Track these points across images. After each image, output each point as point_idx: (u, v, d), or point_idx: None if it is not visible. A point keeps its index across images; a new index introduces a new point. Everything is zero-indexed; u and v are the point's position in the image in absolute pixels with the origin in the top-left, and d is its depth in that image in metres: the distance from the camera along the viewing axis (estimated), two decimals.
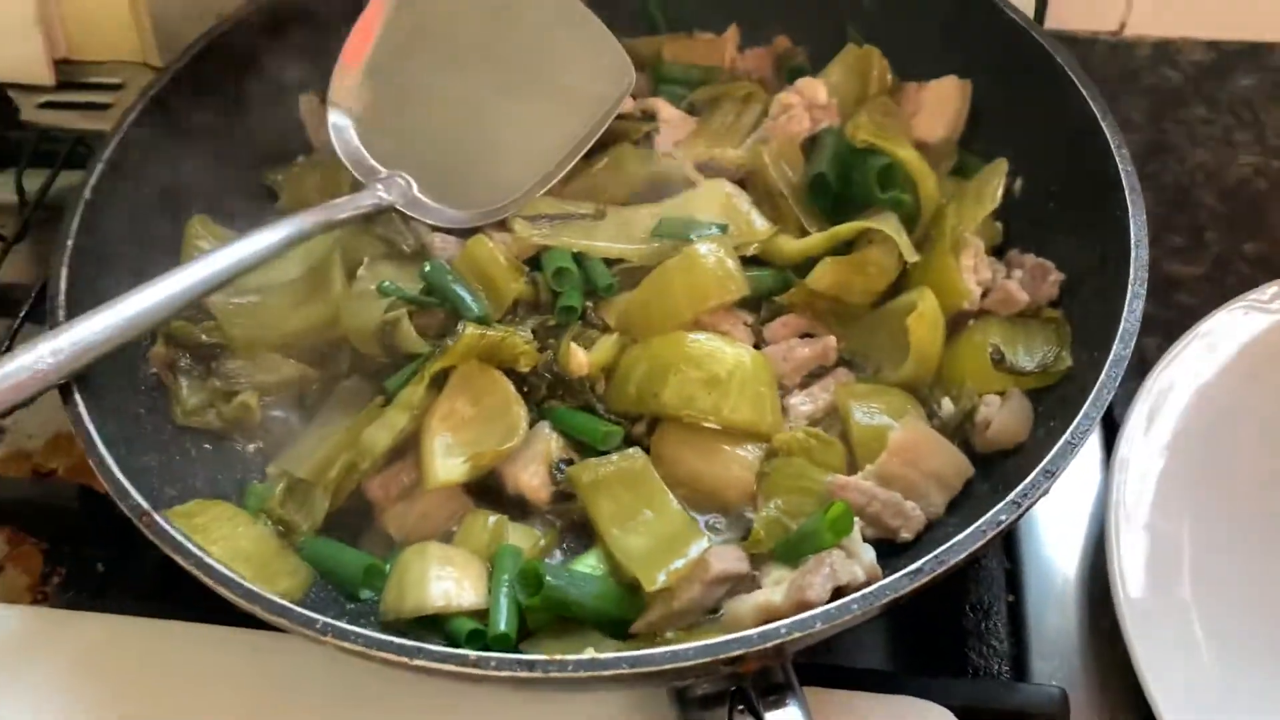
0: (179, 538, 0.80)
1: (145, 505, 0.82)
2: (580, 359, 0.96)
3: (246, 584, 0.77)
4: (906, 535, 0.89)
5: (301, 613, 0.75)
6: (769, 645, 0.71)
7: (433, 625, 0.86)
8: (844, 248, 1.03)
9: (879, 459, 0.90)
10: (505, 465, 0.94)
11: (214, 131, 1.11)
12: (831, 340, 0.99)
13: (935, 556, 0.75)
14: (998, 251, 1.07)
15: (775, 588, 0.84)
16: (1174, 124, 1.34)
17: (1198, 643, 0.93)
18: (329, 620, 0.74)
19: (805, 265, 1.02)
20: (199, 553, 0.79)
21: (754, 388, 0.94)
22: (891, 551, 0.89)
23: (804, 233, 1.05)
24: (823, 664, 0.88)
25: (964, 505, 0.92)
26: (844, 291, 1.00)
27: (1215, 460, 1.03)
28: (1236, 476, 1.03)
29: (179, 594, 0.87)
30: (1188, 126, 1.34)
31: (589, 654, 0.73)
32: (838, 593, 0.80)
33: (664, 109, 1.14)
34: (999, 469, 0.93)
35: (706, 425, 0.93)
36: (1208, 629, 0.94)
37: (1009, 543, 1.03)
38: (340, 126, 1.09)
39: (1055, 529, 1.04)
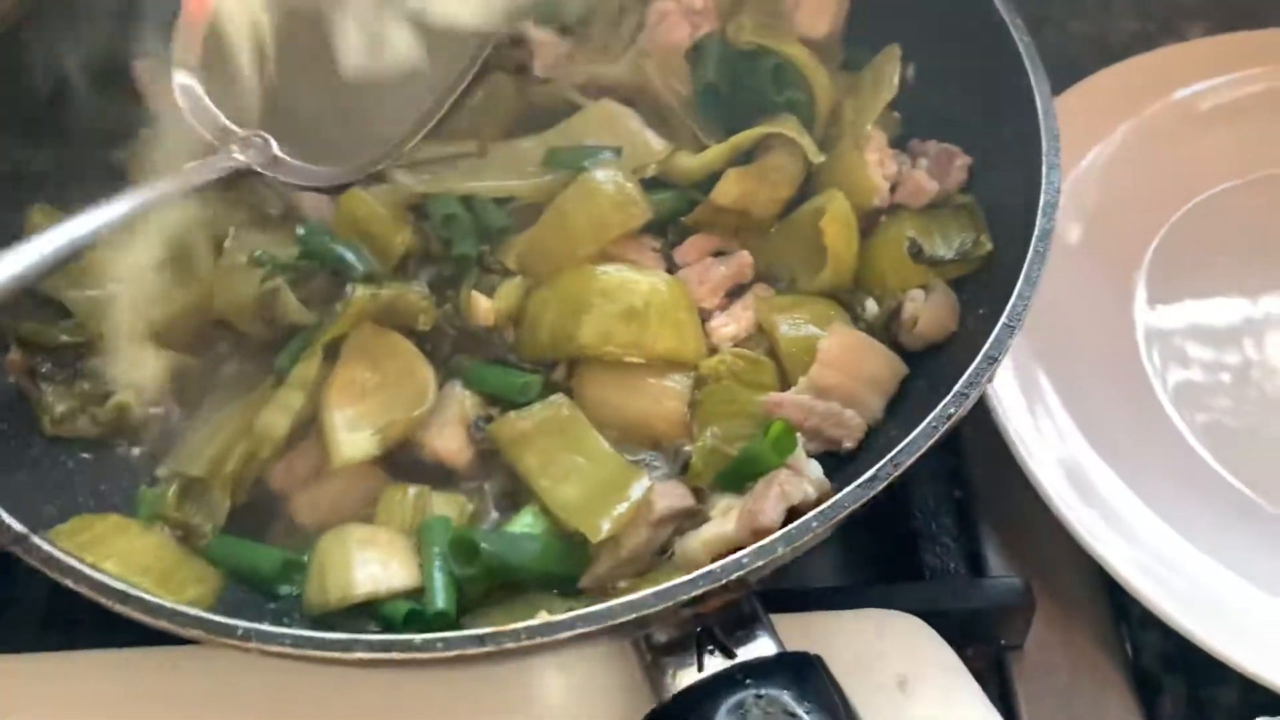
0: (65, 559, 0.72)
1: (19, 529, 0.73)
2: (484, 307, 0.89)
3: (150, 598, 0.69)
4: (849, 445, 0.85)
5: (218, 620, 0.68)
6: (732, 578, 0.67)
7: (365, 613, 0.80)
8: (745, 158, 0.98)
9: (811, 370, 0.86)
10: (419, 432, 0.88)
11: (41, 112, 0.99)
12: (745, 255, 0.95)
13: (890, 460, 0.71)
14: (900, 144, 1.04)
15: (725, 518, 0.79)
16: None
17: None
18: (250, 624, 0.67)
19: (708, 181, 0.97)
20: (91, 572, 0.71)
21: (673, 314, 0.89)
22: (836, 464, 0.86)
23: (701, 147, 0.99)
24: (780, 589, 0.84)
25: (903, 406, 0.88)
26: (751, 203, 0.96)
27: None
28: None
29: (80, 622, 0.79)
30: None
31: (542, 618, 0.67)
32: (791, 513, 0.76)
33: (534, 31, 1.06)
34: (933, 364, 0.89)
35: (629, 360, 0.88)
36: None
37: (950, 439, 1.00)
38: (187, 87, 0.99)
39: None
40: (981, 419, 0.97)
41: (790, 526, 0.69)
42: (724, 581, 0.66)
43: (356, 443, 0.85)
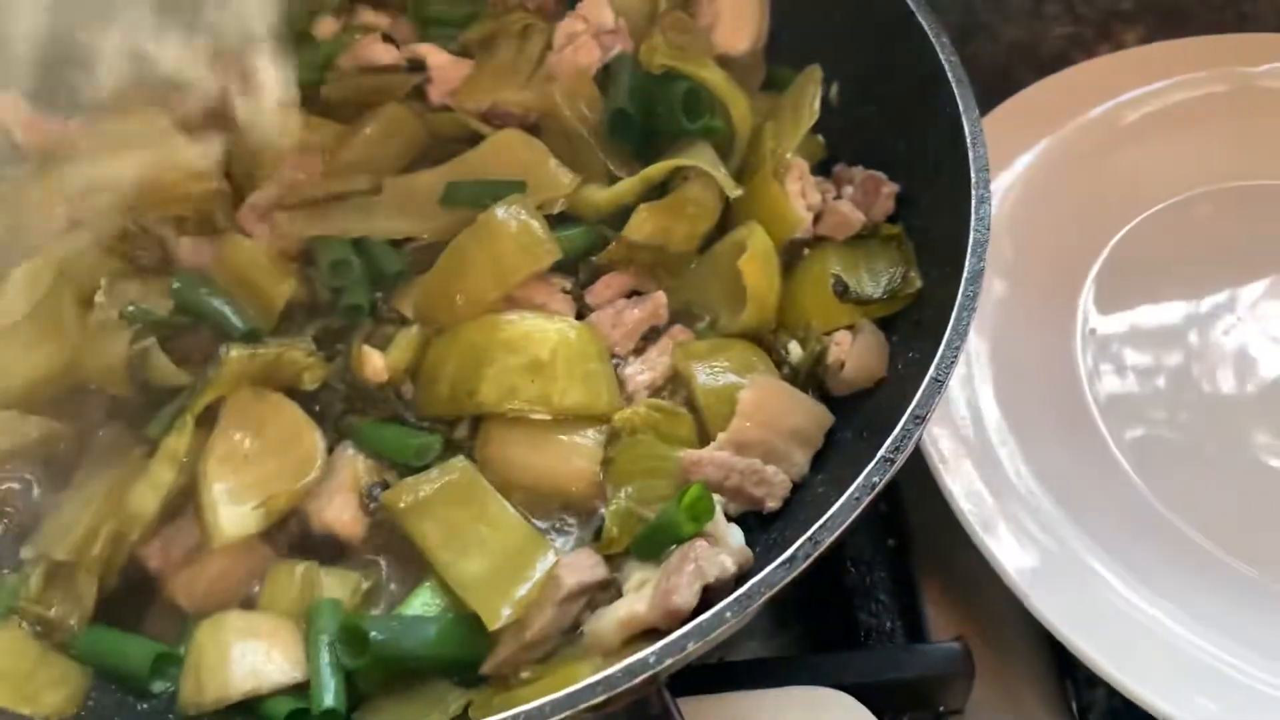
0: None
1: None
2: (376, 364, 0.82)
3: None
4: (773, 505, 0.79)
5: None
6: (637, 681, 0.61)
7: (247, 710, 0.73)
8: (658, 191, 0.92)
9: (731, 424, 0.80)
10: (307, 502, 0.80)
11: None
12: (661, 296, 0.88)
13: (809, 538, 0.65)
14: (823, 168, 0.98)
15: (639, 594, 0.73)
16: (983, 1, 1.27)
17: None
18: None
19: (620, 215, 0.90)
20: None
21: (583, 365, 0.82)
22: (760, 523, 0.80)
23: (612, 178, 0.92)
24: (700, 664, 0.78)
25: (830, 458, 0.83)
26: (667, 239, 0.89)
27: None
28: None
29: None
30: (996, 2, 1.27)
31: None
32: (707, 592, 0.70)
33: (432, 55, 0.99)
34: (861, 411, 0.84)
35: (536, 417, 0.81)
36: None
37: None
38: None
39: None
40: (917, 460, 0.91)
41: (702, 618, 0.63)
42: (627, 686, 0.60)
43: (237, 518, 0.78)
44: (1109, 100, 1.14)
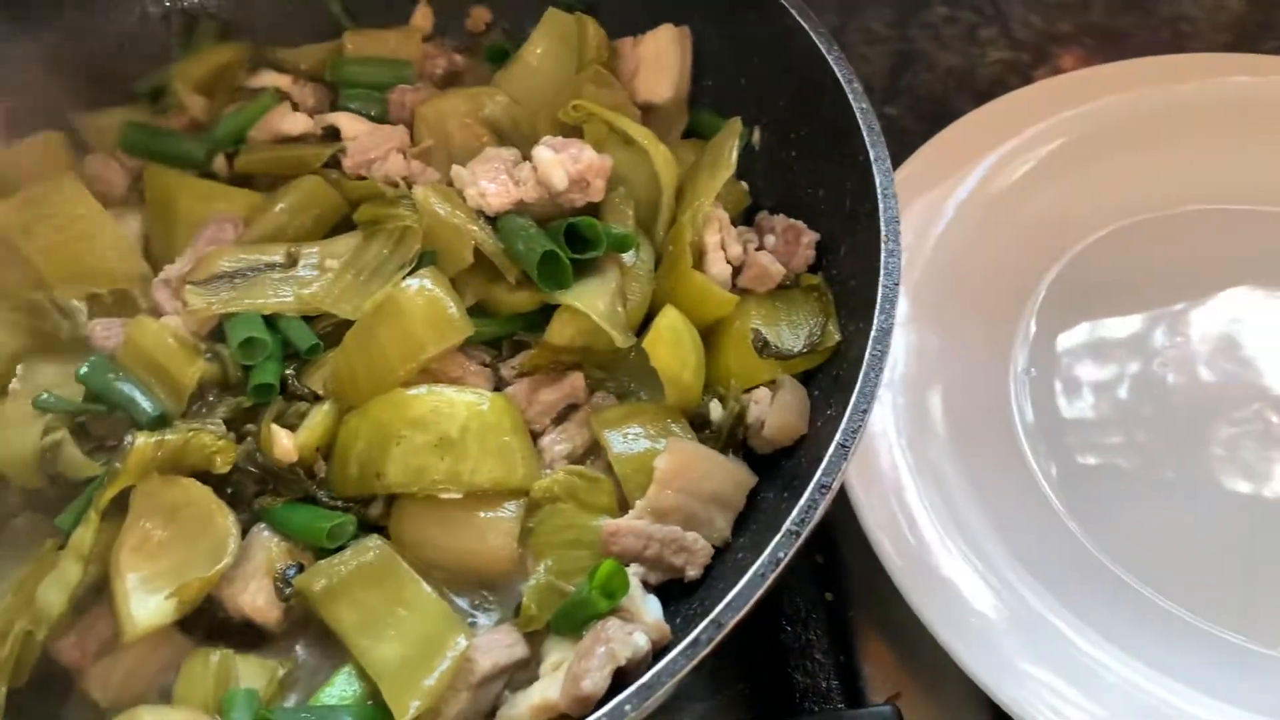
0: None
1: None
2: (284, 444, 0.81)
3: None
4: (693, 574, 0.77)
5: None
6: None
7: None
8: None
9: (649, 492, 0.78)
10: (222, 588, 0.79)
11: None
12: (578, 379, 0.86)
13: (713, 620, 0.64)
14: (749, 214, 0.96)
15: (553, 676, 0.72)
16: (919, 29, 1.25)
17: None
18: None
19: (538, 314, 0.88)
20: None
21: (496, 438, 0.81)
22: (684, 591, 0.78)
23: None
24: None
25: (754, 519, 0.81)
26: (592, 340, 0.85)
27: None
28: None
29: None
30: (933, 29, 1.26)
31: None
32: (621, 673, 0.68)
33: (348, 125, 0.98)
34: (783, 471, 0.82)
35: (446, 497, 0.79)
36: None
37: (817, 536, 0.93)
38: None
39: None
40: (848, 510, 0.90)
41: (601, 712, 0.61)
42: None
43: (150, 609, 0.76)
44: (1042, 124, 1.12)
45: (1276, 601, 0.88)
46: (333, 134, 0.98)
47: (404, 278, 0.84)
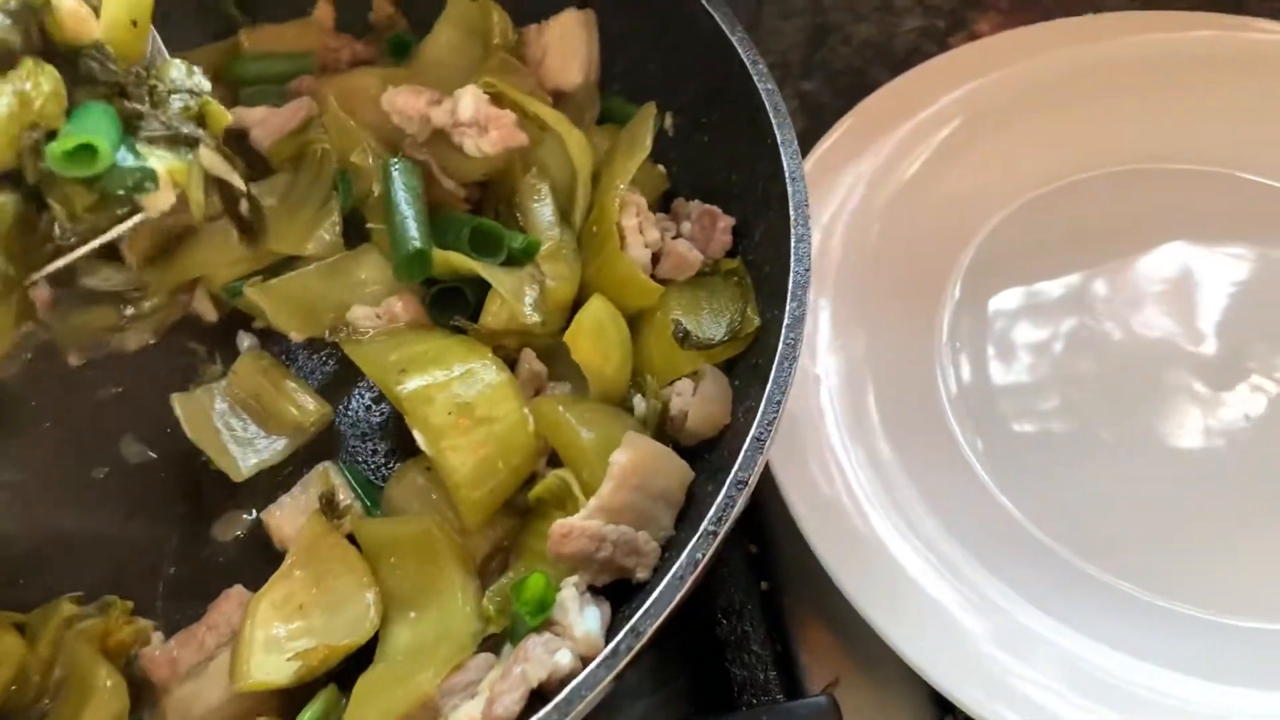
0: None
1: None
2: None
3: None
4: (643, 575, 0.75)
5: None
6: None
7: None
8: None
9: (604, 490, 0.75)
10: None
11: None
12: (538, 363, 0.86)
13: (632, 629, 0.62)
14: (666, 200, 0.94)
15: (484, 695, 0.70)
16: (834, 1, 1.23)
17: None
18: None
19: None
20: None
21: None
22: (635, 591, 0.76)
23: None
24: None
25: (691, 514, 0.79)
26: (522, 324, 0.84)
27: None
28: None
29: None
30: (848, 1, 1.24)
31: None
32: (543, 687, 0.67)
33: (246, 114, 0.94)
34: (710, 462, 0.80)
35: None
36: None
37: (750, 525, 0.92)
38: None
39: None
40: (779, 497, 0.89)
41: None
42: None
43: (269, 668, 0.75)
44: (961, 91, 1.11)
45: (1219, 564, 0.87)
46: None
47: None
